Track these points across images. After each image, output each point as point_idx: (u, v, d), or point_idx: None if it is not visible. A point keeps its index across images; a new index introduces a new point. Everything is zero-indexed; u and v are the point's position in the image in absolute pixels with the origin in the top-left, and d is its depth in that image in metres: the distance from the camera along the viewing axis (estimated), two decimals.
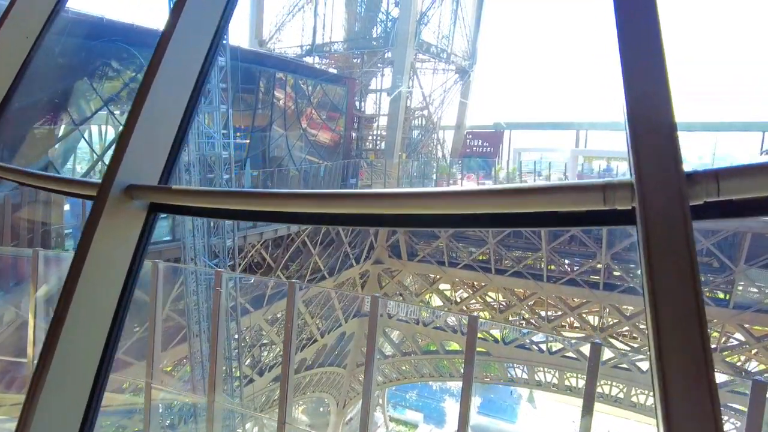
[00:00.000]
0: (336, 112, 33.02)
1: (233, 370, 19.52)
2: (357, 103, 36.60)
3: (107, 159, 22.15)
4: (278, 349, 28.24)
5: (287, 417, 5.21)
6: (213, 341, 5.33)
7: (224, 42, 16.61)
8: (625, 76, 1.25)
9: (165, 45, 2.08)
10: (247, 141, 23.13)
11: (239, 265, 22.35)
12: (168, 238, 19.22)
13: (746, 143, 36.39)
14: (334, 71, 35.82)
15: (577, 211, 1.37)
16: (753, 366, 28.43)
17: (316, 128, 30.59)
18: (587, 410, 3.85)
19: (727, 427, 27.67)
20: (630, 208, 1.28)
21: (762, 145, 33.41)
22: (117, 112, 22.44)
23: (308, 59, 37.12)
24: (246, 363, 26.63)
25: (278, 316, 27.82)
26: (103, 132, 23.90)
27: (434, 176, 32.20)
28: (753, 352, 26.60)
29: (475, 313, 34.30)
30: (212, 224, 17.78)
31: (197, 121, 16.37)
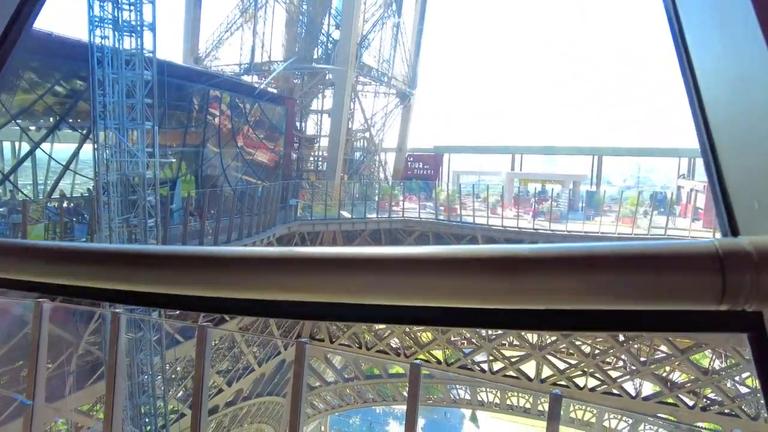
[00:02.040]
0: (275, 132, 32.25)
1: (158, 407, 17.96)
2: (297, 124, 36.02)
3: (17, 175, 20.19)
4: (213, 380, 26.58)
5: None
6: (108, 400, 4.56)
7: (150, 55, 15.64)
8: None
9: None
10: (174, 160, 21.89)
11: None
12: None
13: (665, 167, 39.18)
14: (274, 91, 35.13)
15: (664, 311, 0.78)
16: (676, 376, 29.97)
17: (253, 147, 29.64)
18: None
19: None
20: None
21: (678, 170, 36.06)
22: (32, 128, 20.64)
23: (247, 78, 36.24)
24: (178, 395, 24.81)
25: (213, 343, 26.24)
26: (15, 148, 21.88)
27: (377, 198, 32.02)
28: (676, 363, 28.00)
29: (418, 335, 34.12)
30: (133, 237, 16.46)
31: (119, 140, 15.21)
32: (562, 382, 28.23)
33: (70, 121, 20.18)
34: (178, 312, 22.03)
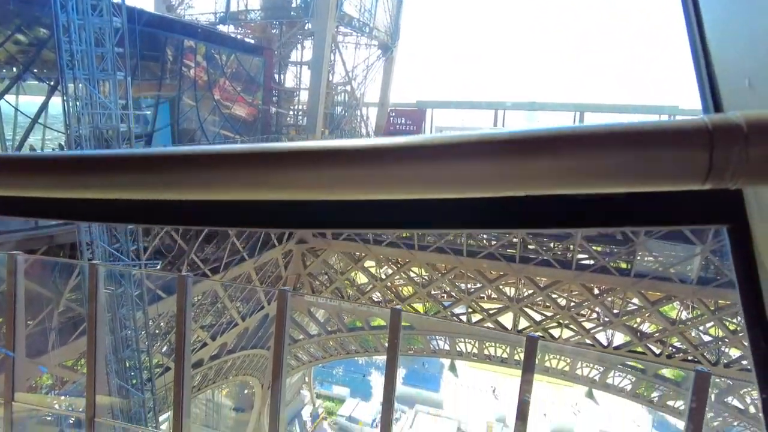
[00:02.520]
0: (253, 84, 31.29)
1: (142, 361, 18.19)
2: (276, 76, 34.95)
3: None
4: (197, 335, 26.91)
5: (182, 426, 4.63)
6: (89, 352, 4.58)
7: (118, 0, 14.78)
8: None
9: None
10: (149, 113, 21.14)
11: (146, 249, 20.69)
12: (61, 221, 17.27)
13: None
14: (251, 41, 33.81)
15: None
16: (646, 327, 31.41)
17: (230, 101, 28.78)
18: (521, 416, 3.67)
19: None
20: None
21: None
22: None
23: (222, 28, 34.72)
24: (163, 350, 25.13)
25: (196, 299, 26.41)
26: None
27: None
28: (647, 315, 29.27)
29: (400, 289, 34.80)
30: None
31: (89, 91, 14.56)
32: (538, 333, 29.34)
33: (35, 71, 19.21)
34: (158, 265, 21.97)
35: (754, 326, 0.92)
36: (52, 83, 18.70)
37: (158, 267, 20.76)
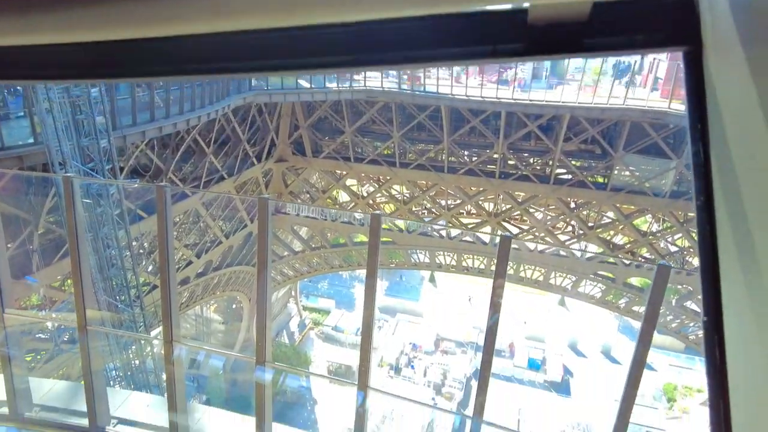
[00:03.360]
0: None
1: (129, 279, 18.47)
2: None
3: None
4: (182, 253, 27.21)
5: (173, 334, 4.82)
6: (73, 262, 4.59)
7: None
8: None
9: None
10: None
11: (122, 169, 20.22)
12: (30, 141, 16.59)
13: None
14: None
15: None
16: (618, 239, 32.79)
17: None
18: (495, 307, 3.86)
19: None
20: None
21: None
22: None
23: None
24: (149, 270, 25.47)
25: (177, 219, 26.38)
26: None
27: None
28: (620, 227, 30.43)
29: (381, 207, 35.18)
30: (82, 123, 15.47)
31: None
32: (515, 246, 30.40)
33: None
34: (137, 183, 21.63)
35: (698, 157, 0.96)
36: None
37: (136, 185, 20.47)
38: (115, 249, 17.27)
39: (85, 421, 5.27)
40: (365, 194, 35.30)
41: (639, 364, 3.66)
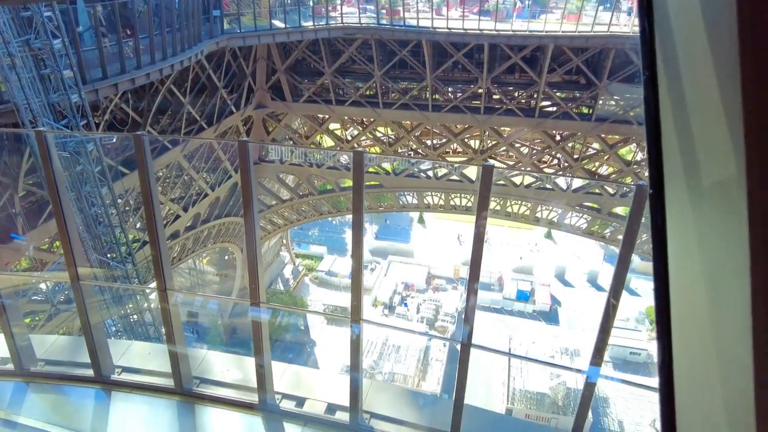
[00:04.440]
0: None
1: (117, 236, 18.41)
2: None
3: None
4: (168, 207, 27.00)
5: (167, 283, 4.89)
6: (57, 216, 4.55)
7: None
8: None
9: None
10: None
11: (98, 125, 19.61)
12: None
13: None
14: None
15: None
16: (603, 169, 33.12)
17: None
18: (478, 236, 3.94)
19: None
20: None
21: None
22: None
23: None
24: (137, 226, 25.36)
25: (160, 173, 25.98)
26: None
27: (311, 2, 29.02)
28: (605, 158, 30.62)
29: (367, 150, 34.84)
30: (48, 78, 14.80)
31: None
32: (501, 182, 30.59)
33: None
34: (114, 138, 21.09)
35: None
36: None
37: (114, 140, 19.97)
38: (99, 207, 17.07)
39: (90, 372, 5.44)
40: (350, 138, 34.84)
41: (618, 286, 3.81)
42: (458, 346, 4.53)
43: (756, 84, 0.70)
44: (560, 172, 31.99)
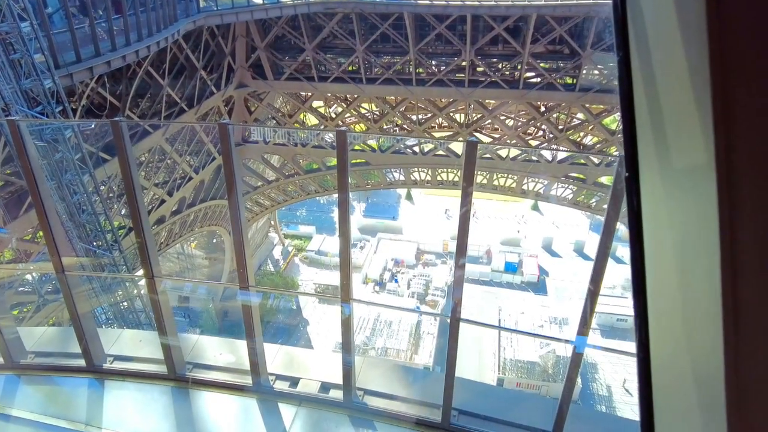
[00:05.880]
0: None
1: (102, 224, 18.15)
2: None
3: None
4: (153, 193, 26.63)
5: (154, 270, 4.84)
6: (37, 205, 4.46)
7: None
8: None
9: None
10: None
11: (75, 111, 19.10)
12: None
13: None
14: None
15: None
16: (588, 139, 33.23)
17: None
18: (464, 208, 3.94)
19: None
20: None
21: None
22: None
23: None
24: (122, 213, 24.98)
25: (143, 158, 25.52)
26: None
27: None
28: (590, 128, 30.71)
29: (351, 126, 34.51)
30: (19, 63, 14.31)
31: None
32: (487, 156, 30.61)
33: None
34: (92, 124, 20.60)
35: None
36: None
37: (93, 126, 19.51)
38: (82, 194, 16.76)
39: (81, 362, 5.42)
40: (334, 115, 34.46)
41: (603, 254, 3.86)
42: (448, 321, 4.59)
43: (722, 71, 0.73)
44: (544, 145, 32.07)
